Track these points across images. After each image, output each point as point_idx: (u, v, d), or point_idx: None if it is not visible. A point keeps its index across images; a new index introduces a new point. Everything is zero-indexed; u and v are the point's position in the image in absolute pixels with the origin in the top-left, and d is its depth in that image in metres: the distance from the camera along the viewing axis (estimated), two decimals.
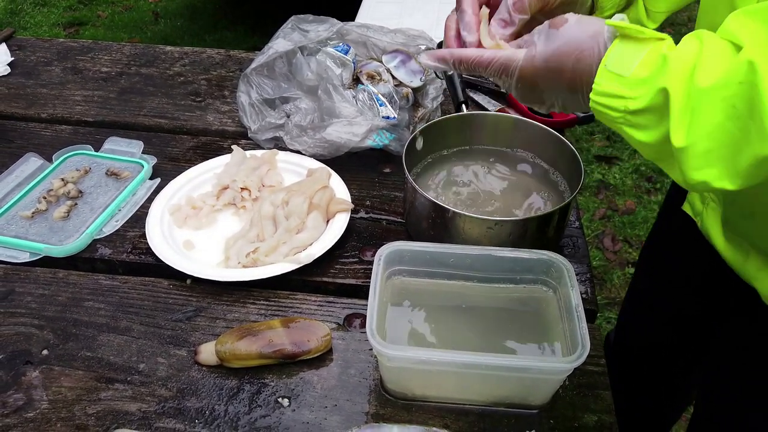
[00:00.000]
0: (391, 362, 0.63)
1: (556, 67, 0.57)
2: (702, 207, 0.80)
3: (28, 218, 0.91)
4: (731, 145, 0.47)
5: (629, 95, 0.51)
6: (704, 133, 0.48)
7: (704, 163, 0.48)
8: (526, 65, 0.59)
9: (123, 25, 3.71)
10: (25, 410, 0.68)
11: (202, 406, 0.68)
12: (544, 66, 0.58)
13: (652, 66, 0.51)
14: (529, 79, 0.59)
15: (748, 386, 0.79)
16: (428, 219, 0.82)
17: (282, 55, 1.08)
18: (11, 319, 0.78)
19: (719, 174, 0.48)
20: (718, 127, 0.47)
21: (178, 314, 0.79)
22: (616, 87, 0.52)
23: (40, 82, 1.27)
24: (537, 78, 0.59)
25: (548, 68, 0.57)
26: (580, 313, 0.65)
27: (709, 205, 0.79)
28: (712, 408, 0.89)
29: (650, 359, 1.08)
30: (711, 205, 0.78)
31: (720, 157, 0.48)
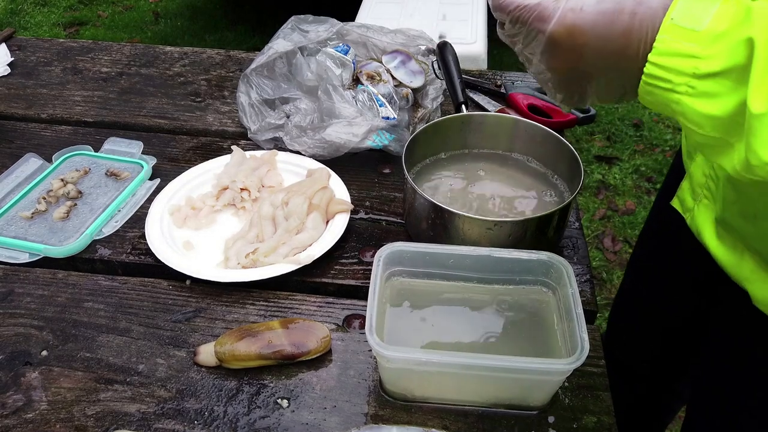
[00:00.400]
0: (390, 363, 0.63)
1: (612, 10, 0.47)
2: (693, 203, 0.77)
3: (28, 219, 0.91)
4: None
5: (701, 54, 0.43)
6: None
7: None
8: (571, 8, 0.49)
9: (123, 25, 3.71)
10: (25, 411, 0.68)
11: (202, 407, 0.68)
12: (595, 9, 0.48)
13: (733, 18, 0.42)
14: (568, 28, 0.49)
15: (740, 387, 0.79)
16: (428, 220, 0.82)
17: (282, 56, 1.08)
18: (10, 319, 0.78)
19: None
20: None
21: (177, 315, 0.79)
22: (685, 44, 0.43)
23: (40, 82, 1.27)
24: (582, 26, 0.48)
25: (600, 11, 0.47)
26: (579, 314, 0.65)
27: (702, 202, 0.75)
28: (704, 409, 0.88)
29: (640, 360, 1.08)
30: (704, 202, 0.75)
31: None
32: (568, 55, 0.50)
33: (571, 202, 0.81)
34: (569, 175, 0.89)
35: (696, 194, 0.77)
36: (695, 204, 0.77)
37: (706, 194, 0.75)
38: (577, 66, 0.50)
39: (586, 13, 0.48)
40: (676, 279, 0.95)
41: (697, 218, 0.76)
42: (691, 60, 0.43)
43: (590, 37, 0.48)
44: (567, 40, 0.49)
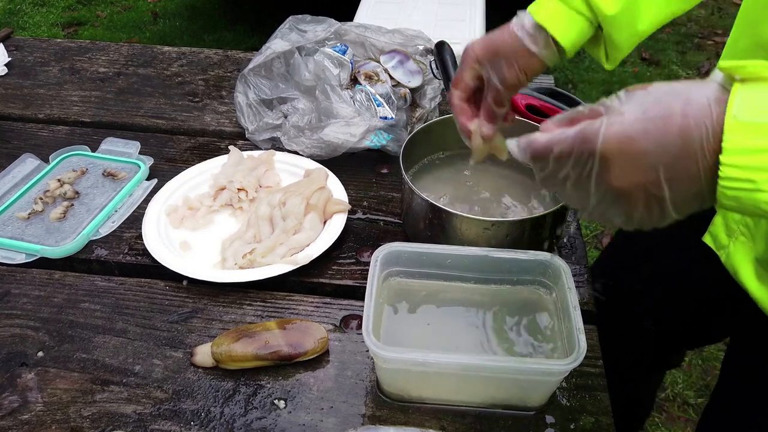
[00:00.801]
0: (387, 364, 0.63)
1: (661, 115, 0.44)
2: (728, 240, 0.73)
3: (25, 219, 0.91)
4: None
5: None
6: None
7: None
8: (617, 121, 0.46)
9: (122, 25, 3.71)
10: (20, 412, 0.68)
11: (198, 408, 0.68)
12: (642, 117, 0.45)
13: None
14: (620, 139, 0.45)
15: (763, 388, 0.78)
16: (425, 220, 0.82)
17: (280, 56, 1.08)
18: (7, 320, 0.78)
19: None
20: None
21: (174, 316, 0.79)
22: (758, 140, 0.41)
23: (38, 82, 1.27)
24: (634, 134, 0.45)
25: (648, 118, 0.45)
26: (577, 314, 0.64)
27: (738, 239, 0.71)
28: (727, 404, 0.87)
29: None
30: (740, 240, 0.71)
31: None
32: (626, 169, 0.46)
33: None
34: None
35: (731, 231, 0.73)
36: (730, 241, 0.73)
37: (743, 231, 0.71)
38: (641, 179, 0.46)
39: (633, 121, 0.45)
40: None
41: (733, 256, 0.73)
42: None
43: (644, 144, 0.45)
44: (620, 154, 0.46)
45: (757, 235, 0.69)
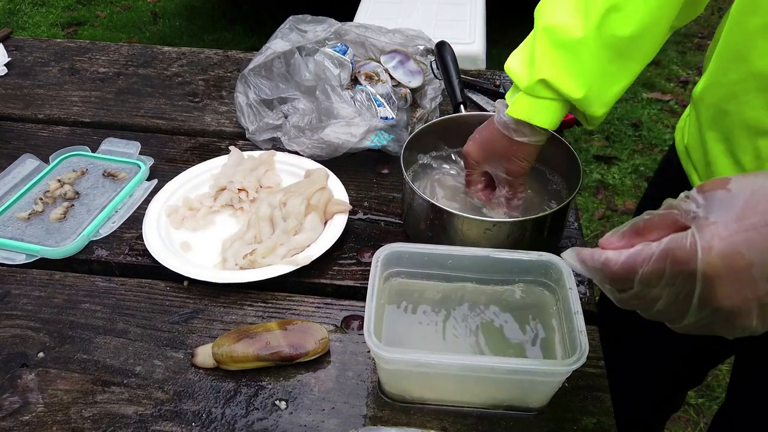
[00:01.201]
0: (388, 365, 0.63)
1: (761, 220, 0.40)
2: None
3: (25, 220, 0.91)
4: None
5: None
6: None
7: None
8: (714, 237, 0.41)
9: (122, 25, 3.71)
10: (21, 413, 0.68)
11: (199, 408, 0.68)
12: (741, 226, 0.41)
13: None
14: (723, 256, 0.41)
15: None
16: (426, 220, 0.82)
17: (280, 56, 1.08)
18: (7, 321, 0.78)
19: None
20: None
21: (174, 316, 0.79)
22: None
23: (37, 82, 1.26)
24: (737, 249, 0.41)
25: (748, 227, 0.41)
26: (578, 314, 0.64)
27: None
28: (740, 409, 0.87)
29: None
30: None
31: None
32: (736, 287, 0.42)
33: (570, 203, 0.81)
34: (568, 175, 0.89)
35: None
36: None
37: None
38: (754, 293, 0.42)
39: (733, 233, 0.41)
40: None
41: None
42: None
43: (751, 257, 0.41)
44: (726, 270, 0.41)
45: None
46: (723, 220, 0.41)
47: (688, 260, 0.42)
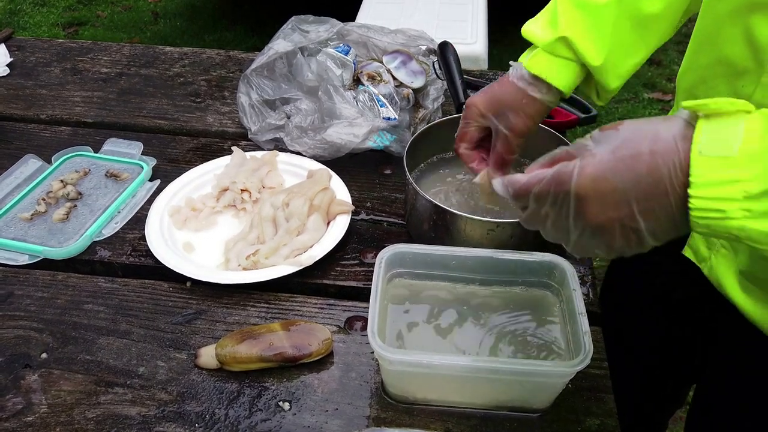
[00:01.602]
0: (392, 366, 0.63)
1: (630, 154, 0.47)
2: (709, 253, 0.74)
3: (27, 220, 0.91)
4: None
5: (745, 177, 0.43)
6: None
7: None
8: (589, 163, 0.49)
9: (122, 25, 3.71)
10: (24, 414, 0.68)
11: (203, 410, 0.68)
12: (612, 157, 0.48)
13: (762, 134, 0.43)
14: (593, 179, 0.48)
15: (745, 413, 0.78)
16: (429, 221, 0.82)
17: (282, 56, 1.08)
18: (10, 322, 0.78)
19: None
20: None
21: (177, 317, 0.79)
22: (724, 172, 0.43)
23: (40, 83, 1.26)
24: (605, 174, 0.48)
25: (618, 158, 0.48)
26: (582, 315, 0.64)
27: (719, 252, 0.72)
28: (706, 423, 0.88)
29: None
30: (722, 252, 0.72)
31: None
32: (601, 206, 0.49)
33: None
34: None
35: (711, 243, 0.74)
36: (711, 253, 0.74)
37: (724, 243, 0.72)
38: (616, 214, 0.49)
39: (603, 161, 0.48)
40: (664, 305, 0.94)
41: (716, 269, 0.74)
42: (737, 184, 0.43)
43: (615, 182, 0.48)
44: (594, 192, 0.49)
45: (738, 248, 0.69)
46: (601, 151, 0.49)
47: (567, 181, 0.50)
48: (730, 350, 0.79)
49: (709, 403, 0.86)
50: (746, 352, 0.75)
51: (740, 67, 0.62)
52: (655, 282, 0.94)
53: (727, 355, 0.80)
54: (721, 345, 0.82)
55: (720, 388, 0.82)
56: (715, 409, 0.84)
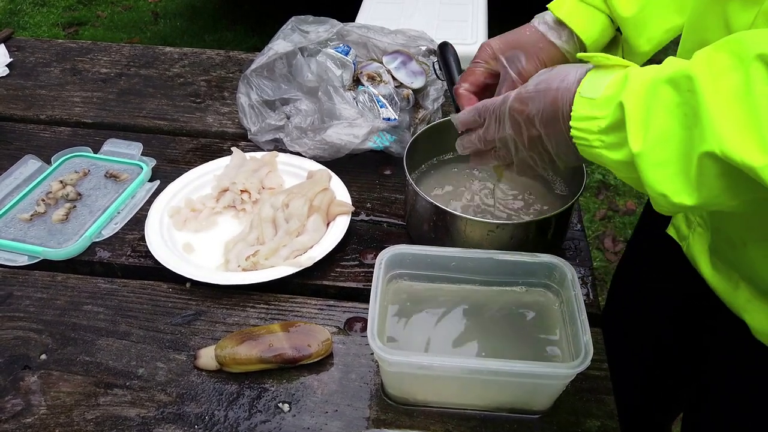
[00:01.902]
0: (392, 367, 0.63)
1: (543, 89, 0.59)
2: (688, 231, 0.78)
3: (27, 221, 0.91)
4: (684, 155, 0.48)
5: (598, 115, 0.53)
6: (659, 138, 0.49)
7: (663, 175, 0.49)
8: (520, 91, 0.62)
9: (122, 25, 3.70)
10: (24, 416, 0.68)
11: (202, 411, 0.68)
12: (533, 89, 0.60)
13: (616, 84, 0.53)
14: (519, 101, 0.61)
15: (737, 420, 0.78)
16: (429, 222, 0.82)
17: (282, 56, 1.08)
18: (9, 323, 0.78)
19: (676, 188, 0.49)
20: (672, 134, 0.49)
21: (177, 318, 0.78)
22: (588, 109, 0.54)
23: (39, 83, 1.26)
24: (526, 100, 0.60)
25: (536, 89, 0.60)
26: (582, 317, 0.64)
27: (696, 230, 0.76)
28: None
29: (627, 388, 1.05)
30: (698, 230, 0.75)
31: (677, 169, 0.49)
32: (522, 122, 0.61)
33: (573, 204, 0.80)
34: (571, 176, 0.88)
35: (690, 222, 0.77)
36: (690, 232, 0.77)
37: (700, 222, 0.75)
38: (532, 132, 0.61)
39: (528, 91, 0.60)
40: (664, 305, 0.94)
41: (692, 247, 0.76)
42: (594, 120, 0.54)
43: (533, 106, 0.59)
44: (519, 111, 0.61)
45: (707, 225, 0.73)
46: (530, 83, 0.61)
47: (505, 102, 0.63)
48: (729, 351, 0.79)
49: (707, 403, 0.86)
50: (745, 353, 0.75)
51: None
52: (659, 284, 0.94)
53: (727, 355, 0.80)
54: (720, 346, 0.82)
55: (719, 388, 0.82)
56: (713, 409, 0.84)
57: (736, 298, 0.70)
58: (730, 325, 0.72)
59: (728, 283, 0.71)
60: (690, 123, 0.47)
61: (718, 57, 0.47)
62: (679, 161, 0.49)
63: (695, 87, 0.47)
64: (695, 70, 0.47)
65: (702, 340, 0.89)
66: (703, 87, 0.46)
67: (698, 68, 0.47)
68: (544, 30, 0.73)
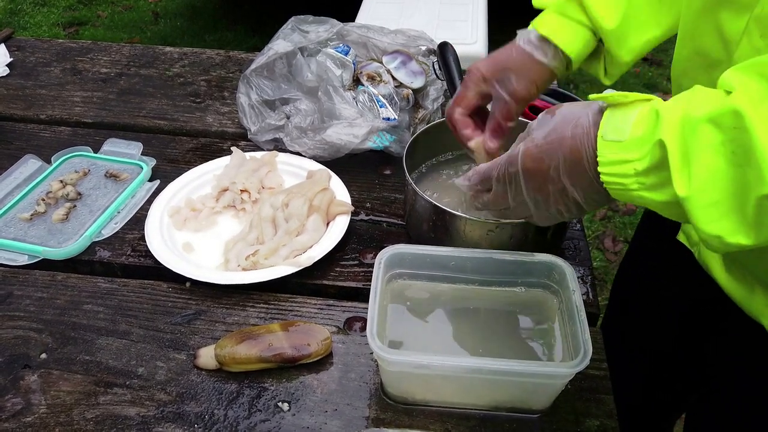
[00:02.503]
0: (391, 366, 0.63)
1: (556, 138, 0.57)
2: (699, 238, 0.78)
3: (27, 220, 0.91)
4: (737, 195, 0.46)
5: (632, 157, 0.51)
6: (706, 179, 0.47)
7: (714, 215, 0.47)
8: (528, 147, 0.59)
9: (123, 25, 3.70)
10: (24, 415, 0.68)
11: (202, 410, 0.68)
12: (544, 141, 0.58)
13: (646, 123, 0.51)
14: (532, 159, 0.59)
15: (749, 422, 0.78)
16: (429, 221, 0.82)
17: (282, 56, 1.08)
18: (9, 322, 0.78)
19: (732, 227, 0.47)
20: (721, 174, 0.47)
21: (177, 317, 0.78)
22: (617, 153, 0.52)
23: (39, 83, 1.26)
24: (541, 155, 0.58)
25: (548, 142, 0.57)
26: (582, 316, 0.64)
27: None
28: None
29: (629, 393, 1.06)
30: None
31: (729, 208, 0.47)
32: (541, 180, 0.59)
33: None
34: None
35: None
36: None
37: None
38: (554, 186, 0.58)
39: (538, 146, 0.58)
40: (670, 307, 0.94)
41: (704, 252, 0.75)
42: (628, 164, 0.51)
43: (549, 161, 0.57)
44: (535, 170, 0.59)
45: None
46: (538, 135, 0.59)
47: (515, 163, 0.60)
48: (740, 353, 0.79)
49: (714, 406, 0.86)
50: (759, 355, 0.75)
51: (714, 58, 0.64)
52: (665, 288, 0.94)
53: (737, 357, 0.80)
54: (731, 348, 0.82)
55: (727, 391, 0.82)
56: (720, 411, 0.84)
57: (753, 302, 0.69)
58: (743, 329, 0.72)
59: (744, 287, 0.71)
60: (740, 161, 0.45)
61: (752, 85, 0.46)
62: (732, 200, 0.47)
63: (745, 124, 0.45)
64: (741, 105, 0.45)
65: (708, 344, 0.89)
66: (753, 125, 0.44)
67: (743, 102, 0.45)
68: (530, 49, 0.72)
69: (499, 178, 0.63)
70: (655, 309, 0.98)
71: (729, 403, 0.81)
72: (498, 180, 0.63)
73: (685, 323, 0.93)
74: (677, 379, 1.03)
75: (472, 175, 0.67)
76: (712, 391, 0.86)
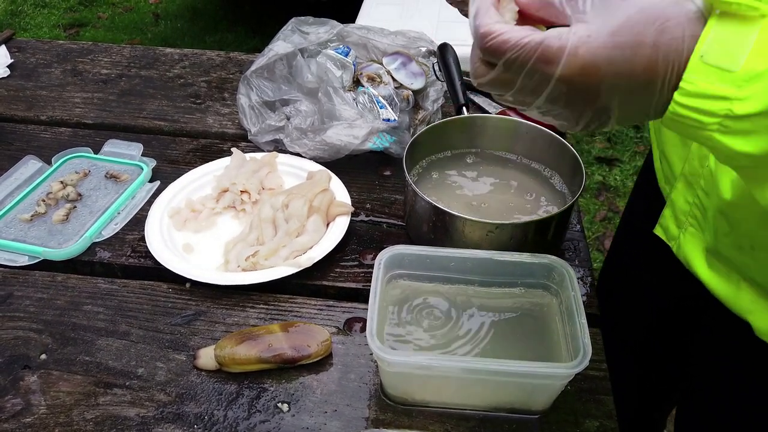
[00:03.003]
0: (391, 367, 0.63)
1: (630, 42, 0.40)
2: (678, 231, 0.74)
3: (27, 221, 0.91)
4: None
5: (736, 95, 0.38)
6: None
7: None
8: (581, 45, 0.41)
9: (123, 26, 3.71)
10: (23, 415, 0.68)
11: (201, 411, 0.68)
12: (610, 42, 0.40)
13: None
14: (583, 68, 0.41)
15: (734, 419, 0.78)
16: (429, 222, 0.82)
17: (282, 58, 1.08)
18: (9, 323, 0.78)
19: None
20: None
21: (177, 318, 0.79)
22: (718, 86, 0.38)
23: (40, 84, 1.27)
24: (598, 64, 0.41)
25: (616, 45, 0.40)
26: (581, 317, 0.64)
27: (688, 230, 0.72)
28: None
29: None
30: (690, 230, 0.72)
31: None
32: (582, 96, 0.43)
33: (572, 205, 0.81)
34: (570, 177, 0.89)
35: (680, 222, 0.74)
36: (680, 232, 0.74)
37: (692, 222, 0.72)
38: (595, 105, 0.44)
39: (599, 47, 0.41)
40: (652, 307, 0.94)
41: (684, 247, 0.74)
42: (724, 102, 0.38)
43: (607, 73, 0.41)
44: (580, 82, 0.42)
45: (705, 226, 0.69)
46: (599, 29, 0.41)
47: (552, 61, 0.42)
48: (722, 349, 0.79)
49: (700, 401, 0.86)
50: (742, 351, 0.75)
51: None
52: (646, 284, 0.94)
53: (719, 353, 0.80)
54: (713, 344, 0.82)
55: (712, 386, 0.83)
56: (707, 406, 0.84)
57: (739, 300, 0.68)
58: (726, 325, 0.72)
59: (728, 284, 0.69)
60: None
61: None
62: None
63: None
64: None
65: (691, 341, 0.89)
66: None
67: None
68: None
69: (514, 64, 0.44)
70: (635, 303, 0.98)
71: (714, 401, 0.81)
72: (510, 65, 0.44)
73: (665, 318, 0.93)
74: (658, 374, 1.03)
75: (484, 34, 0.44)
76: (697, 390, 0.86)
